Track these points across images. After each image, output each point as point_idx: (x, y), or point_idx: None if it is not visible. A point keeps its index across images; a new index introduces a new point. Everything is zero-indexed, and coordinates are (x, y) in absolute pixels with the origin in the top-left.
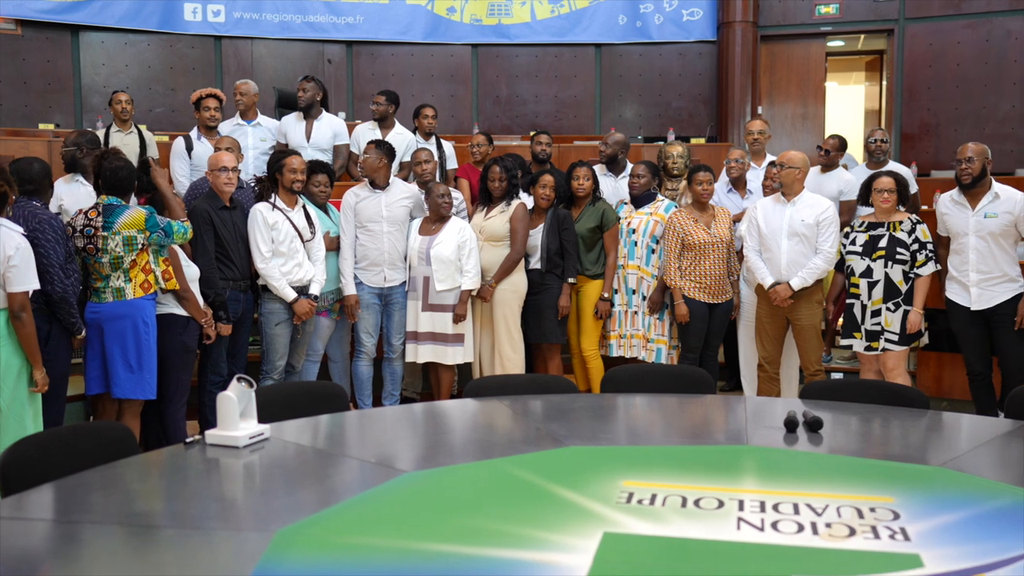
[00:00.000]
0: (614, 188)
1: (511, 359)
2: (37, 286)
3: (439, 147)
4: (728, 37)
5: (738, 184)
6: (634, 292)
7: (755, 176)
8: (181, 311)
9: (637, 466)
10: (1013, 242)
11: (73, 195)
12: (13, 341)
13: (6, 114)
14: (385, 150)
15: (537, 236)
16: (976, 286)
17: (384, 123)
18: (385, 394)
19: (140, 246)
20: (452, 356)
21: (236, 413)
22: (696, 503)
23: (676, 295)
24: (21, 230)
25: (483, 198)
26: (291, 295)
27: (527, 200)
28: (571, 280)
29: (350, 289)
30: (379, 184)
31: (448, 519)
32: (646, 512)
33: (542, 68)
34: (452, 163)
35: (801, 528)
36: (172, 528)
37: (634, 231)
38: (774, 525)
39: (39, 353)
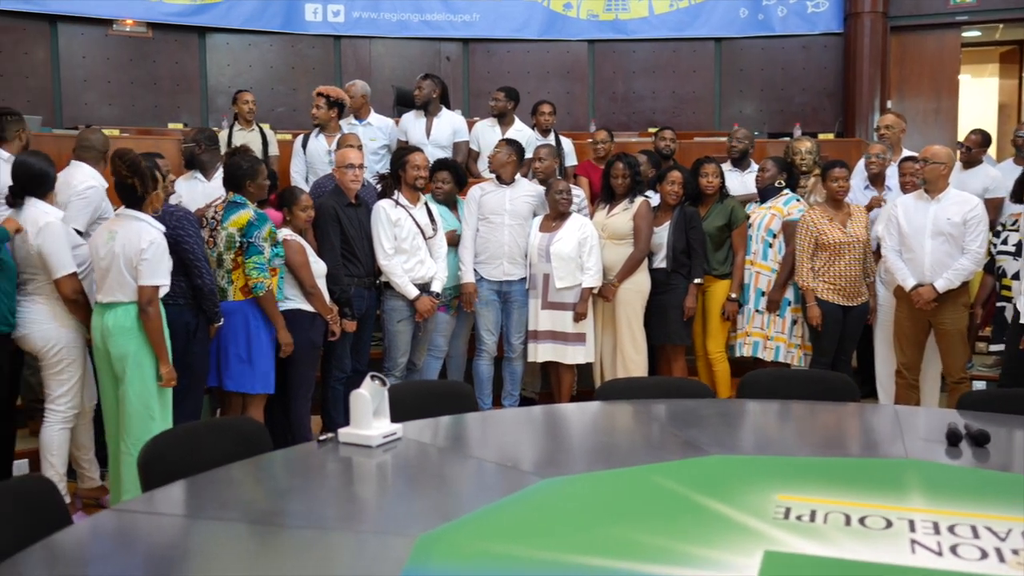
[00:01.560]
0: (741, 183)
1: (634, 360)
2: (166, 282)
3: (558, 144)
4: (856, 29)
5: (876, 181)
6: (750, 288)
7: (891, 172)
8: (308, 307)
9: (790, 478)
10: None
11: (191, 192)
12: (142, 334)
13: (138, 114)
14: (515, 148)
15: (662, 234)
16: None
17: (503, 119)
18: (504, 394)
19: (237, 246)
20: (572, 356)
21: (370, 412)
22: (861, 521)
23: (808, 297)
24: (162, 228)
25: (605, 195)
26: (413, 292)
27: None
28: (698, 280)
29: (468, 277)
30: (505, 180)
31: (594, 530)
32: (807, 530)
33: (660, 63)
34: (571, 160)
35: (984, 554)
36: (310, 529)
37: (750, 225)
38: (953, 549)
39: (166, 347)
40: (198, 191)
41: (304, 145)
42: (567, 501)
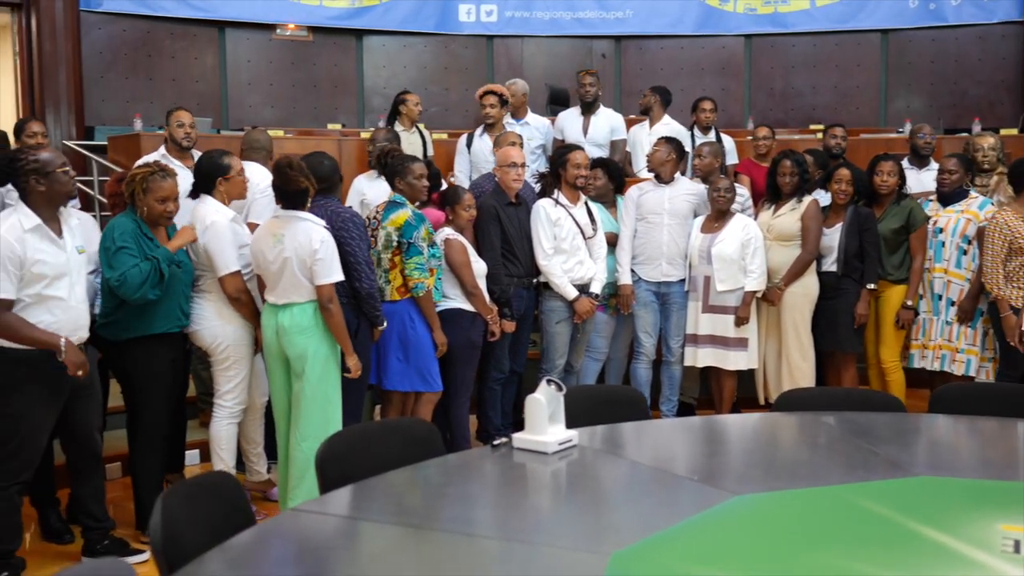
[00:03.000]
0: (917, 181)
1: (800, 368)
2: (341, 278)
3: (718, 141)
4: None
5: None
6: (940, 298)
7: None
8: (468, 307)
9: (1012, 506)
10: None
11: (375, 190)
12: (320, 331)
13: (298, 115)
14: (674, 145)
15: (833, 236)
16: None
17: (650, 116)
18: (662, 399)
19: (394, 245)
20: (734, 361)
21: (545, 417)
22: None
23: (1002, 306)
24: (323, 223)
25: (770, 194)
26: (572, 293)
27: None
28: (871, 285)
29: (626, 279)
30: (664, 178)
31: (801, 555)
32: None
33: (821, 57)
34: (732, 158)
35: None
36: (495, 540)
37: (941, 230)
38: None
39: (350, 341)
40: (382, 190)
41: (469, 144)
42: (767, 521)
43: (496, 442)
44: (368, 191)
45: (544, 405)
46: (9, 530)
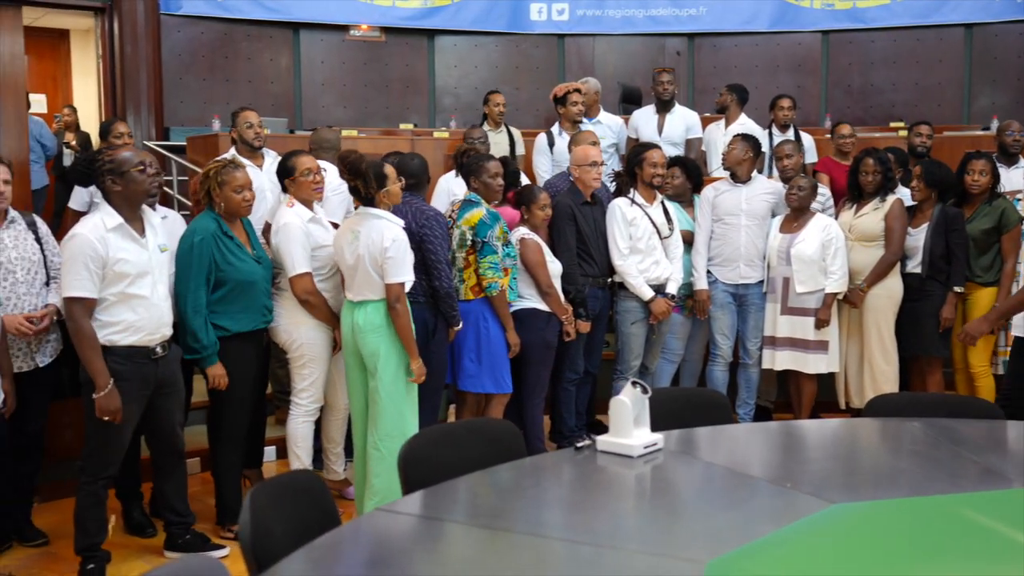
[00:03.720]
0: (1006, 179)
1: (883, 372)
2: (411, 279)
3: (797, 139)
4: None
5: None
6: None
7: None
8: (543, 307)
9: None
10: None
11: (463, 189)
12: (392, 331)
13: (369, 115)
14: (751, 143)
15: (918, 236)
16: None
17: (726, 115)
18: (739, 402)
19: (469, 244)
20: (814, 365)
21: (630, 419)
22: None
23: None
24: (401, 223)
25: (852, 194)
26: (648, 293)
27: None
28: (958, 288)
29: (702, 284)
30: (741, 178)
31: (903, 567)
32: None
33: (901, 53)
34: (811, 156)
35: None
36: (585, 545)
37: None
38: None
39: (414, 343)
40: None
41: (550, 144)
42: (866, 532)
43: (580, 444)
44: (458, 190)
45: (629, 407)
46: (95, 523)
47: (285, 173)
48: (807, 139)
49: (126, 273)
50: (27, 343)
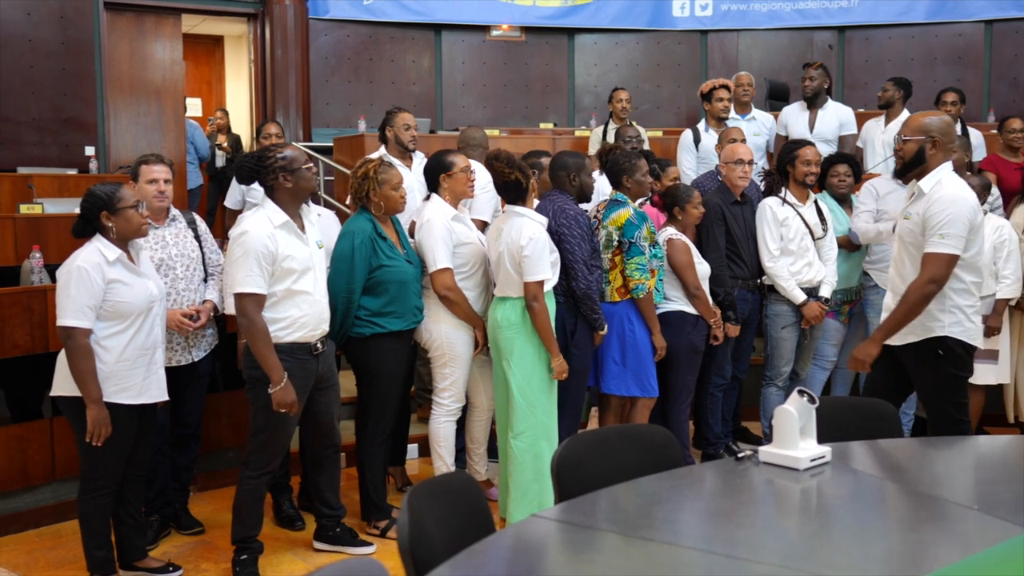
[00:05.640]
0: None
1: None
2: (548, 276)
3: (964, 135)
4: None
5: None
6: None
7: None
8: (691, 309)
9: None
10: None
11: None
12: (527, 329)
13: (509, 115)
14: None
15: None
16: None
17: (888, 111)
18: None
19: (615, 245)
20: (982, 375)
21: (796, 430)
22: None
23: None
24: (543, 220)
25: None
26: (800, 297)
27: None
28: None
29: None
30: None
31: None
32: None
33: None
34: (980, 153)
35: None
36: (753, 562)
37: None
38: None
39: (555, 341)
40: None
41: (696, 141)
42: None
43: (741, 454)
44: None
45: (796, 417)
46: (253, 516)
47: (441, 169)
48: (975, 135)
49: (293, 270)
50: (184, 338)
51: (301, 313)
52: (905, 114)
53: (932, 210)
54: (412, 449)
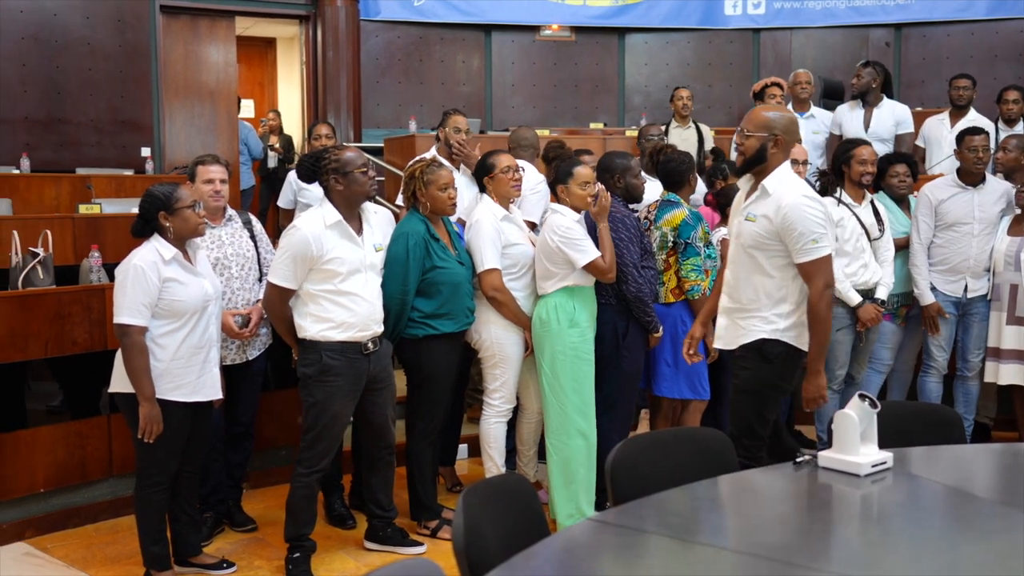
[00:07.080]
0: None
1: None
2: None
3: None
4: None
5: None
6: None
7: None
8: None
9: None
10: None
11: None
12: (548, 326)
13: (558, 115)
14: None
15: None
16: None
17: (960, 110)
18: None
19: (670, 246)
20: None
21: (857, 435)
22: None
23: None
24: (577, 216)
25: None
26: (855, 299)
27: None
28: None
29: (928, 298)
30: (971, 179)
31: None
32: None
33: None
34: None
35: None
36: (812, 570)
37: None
38: None
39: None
40: (655, 190)
41: None
42: None
43: (799, 459)
44: (651, 192)
45: (856, 422)
46: (306, 514)
47: (484, 171)
48: None
49: (337, 271)
50: None
51: (349, 313)
52: (972, 113)
53: (790, 219)
54: (462, 449)
